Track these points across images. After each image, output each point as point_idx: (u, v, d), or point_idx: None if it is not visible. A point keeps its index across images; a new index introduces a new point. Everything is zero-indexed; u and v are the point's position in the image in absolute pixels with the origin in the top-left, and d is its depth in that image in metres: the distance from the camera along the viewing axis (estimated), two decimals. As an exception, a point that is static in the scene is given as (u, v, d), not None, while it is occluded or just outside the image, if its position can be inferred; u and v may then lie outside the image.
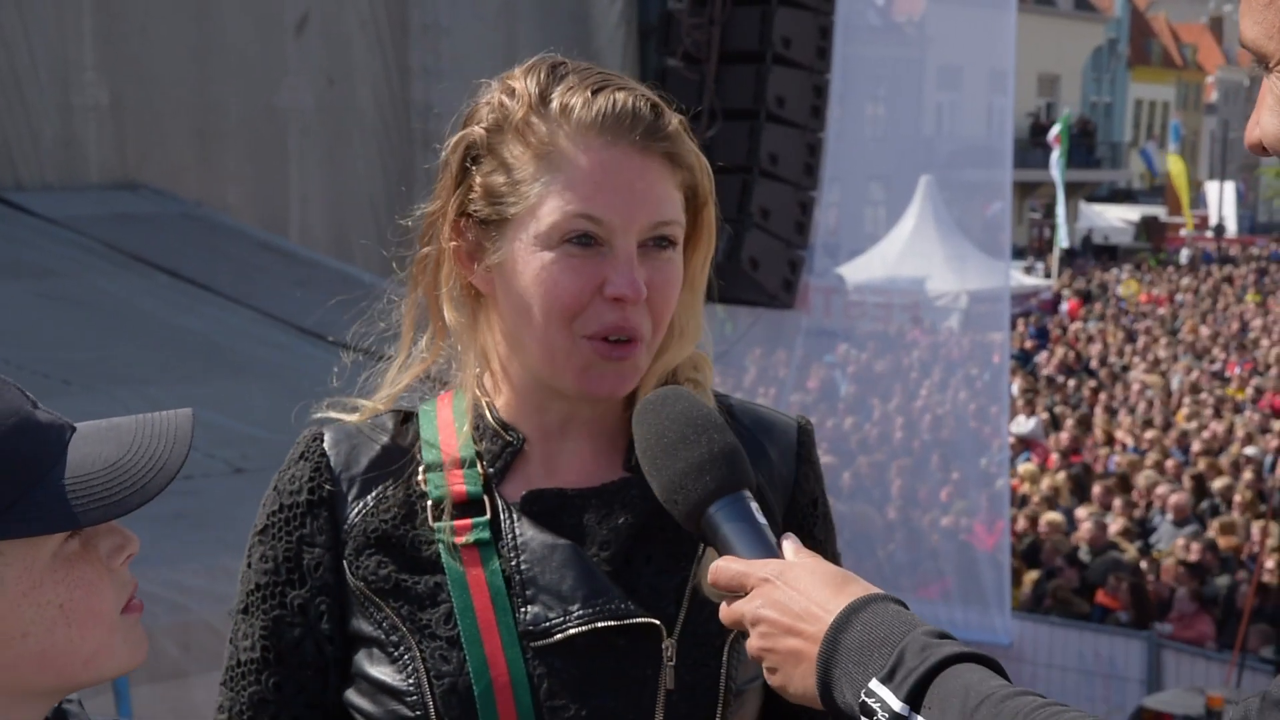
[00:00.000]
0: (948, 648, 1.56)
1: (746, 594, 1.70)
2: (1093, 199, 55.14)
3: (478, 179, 1.88)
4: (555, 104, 1.86)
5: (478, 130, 1.88)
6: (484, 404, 1.95)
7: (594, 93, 1.86)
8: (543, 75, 1.90)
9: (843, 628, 1.60)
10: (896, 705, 1.53)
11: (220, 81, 9.24)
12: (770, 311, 11.48)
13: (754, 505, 1.75)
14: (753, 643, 1.68)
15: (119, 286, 7.38)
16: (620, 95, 1.87)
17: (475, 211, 1.89)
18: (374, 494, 1.92)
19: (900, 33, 16.09)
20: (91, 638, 1.56)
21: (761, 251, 10.37)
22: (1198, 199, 53.85)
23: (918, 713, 1.53)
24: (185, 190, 8.92)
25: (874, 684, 1.55)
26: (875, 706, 1.54)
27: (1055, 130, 34.88)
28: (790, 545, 1.73)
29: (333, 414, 1.99)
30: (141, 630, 1.63)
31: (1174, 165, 50.50)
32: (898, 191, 18.76)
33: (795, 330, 13.07)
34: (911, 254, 20.01)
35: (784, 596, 1.66)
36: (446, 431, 1.94)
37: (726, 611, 1.72)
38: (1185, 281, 40.26)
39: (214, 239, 8.52)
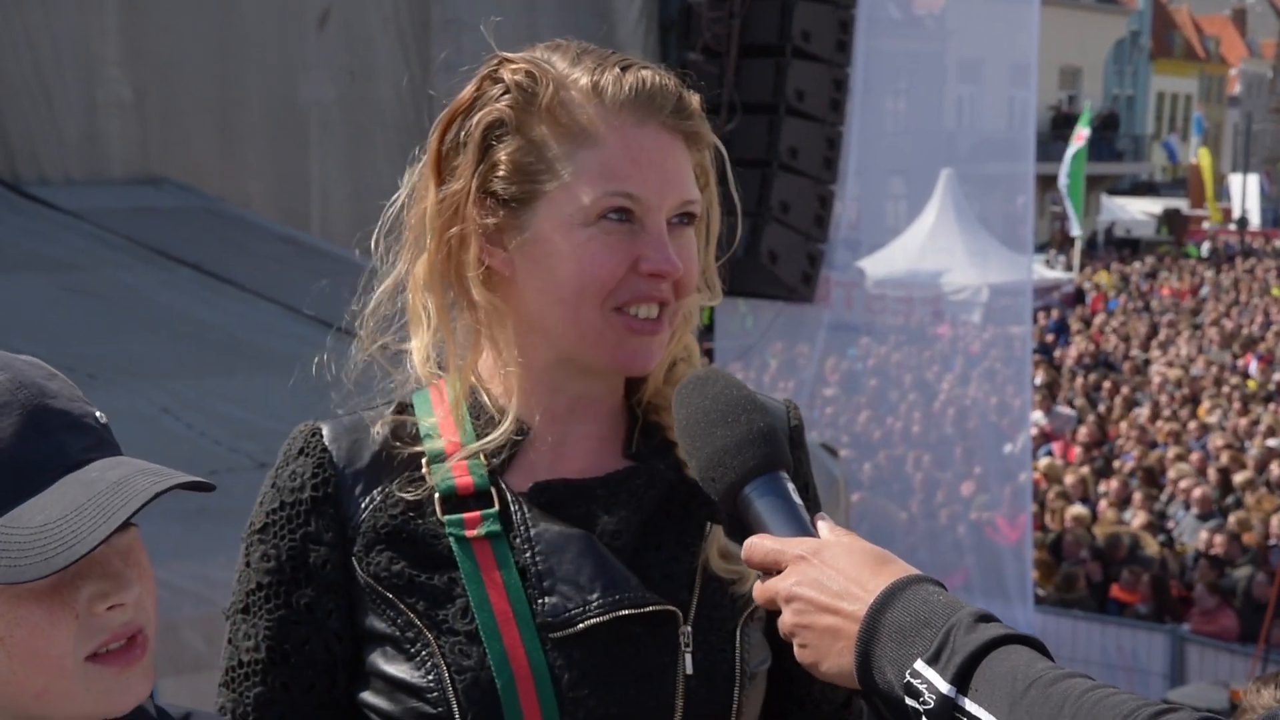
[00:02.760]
0: (994, 629, 1.55)
1: (780, 571, 1.69)
2: (1114, 192, 54.95)
3: (503, 157, 1.86)
4: (585, 81, 1.86)
5: (501, 108, 1.87)
6: (481, 391, 1.93)
7: (622, 70, 1.87)
8: (569, 54, 1.90)
9: (885, 606, 1.60)
10: (944, 687, 1.52)
11: (242, 77, 9.26)
12: (792, 306, 11.47)
13: (790, 485, 1.76)
14: (786, 619, 1.67)
15: (141, 281, 7.40)
16: (646, 74, 1.88)
17: (499, 191, 1.87)
18: (380, 489, 1.90)
19: (921, 26, 16.07)
20: (36, 677, 1.53)
21: (781, 245, 10.36)
22: (1221, 192, 53.63)
23: (965, 695, 1.52)
24: (207, 185, 8.94)
25: (919, 664, 1.54)
26: (921, 688, 1.53)
27: (1082, 128, 34.70)
28: (825, 525, 1.73)
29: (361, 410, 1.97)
30: (130, 680, 1.57)
31: (1203, 158, 50.31)
32: (919, 185, 18.74)
33: (817, 324, 13.07)
34: (933, 248, 19.97)
35: (821, 574, 1.66)
36: (446, 421, 1.92)
37: (760, 588, 1.71)
38: (1208, 275, 40.10)
39: (236, 233, 8.54)
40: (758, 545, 1.71)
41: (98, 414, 1.62)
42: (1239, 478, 16.21)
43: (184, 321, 7.08)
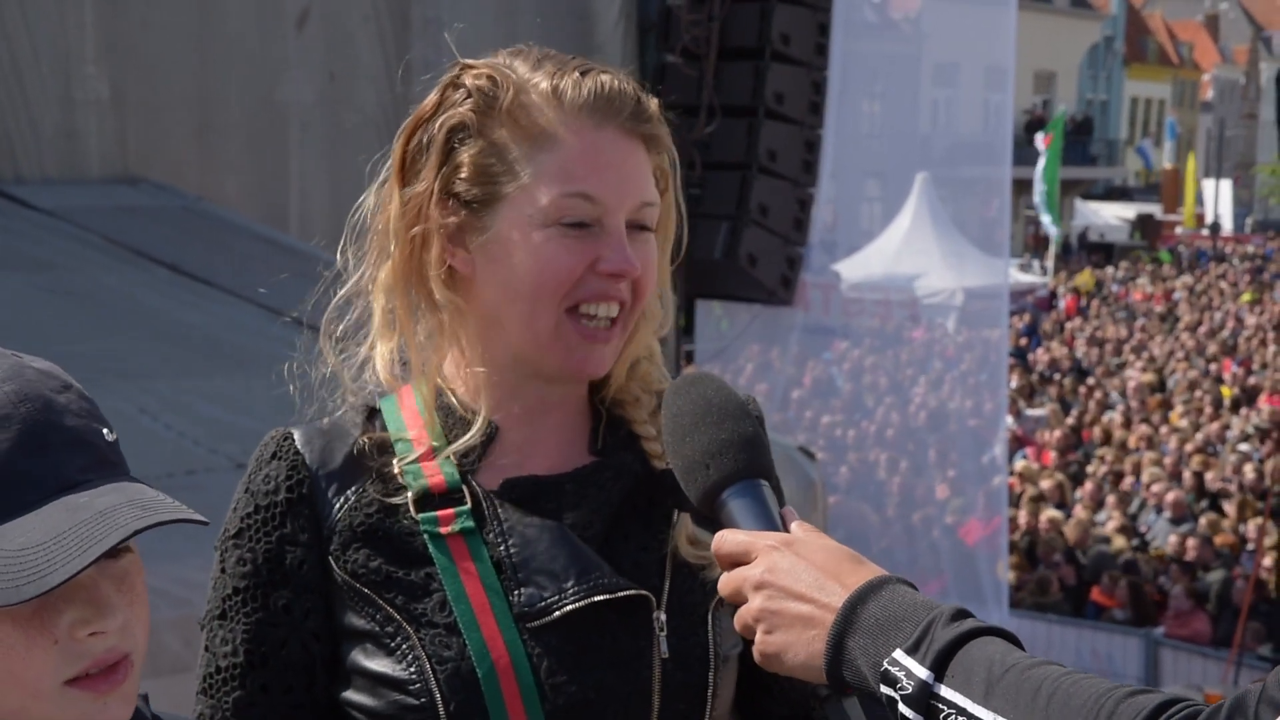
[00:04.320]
0: (971, 622, 1.59)
1: (749, 563, 1.71)
2: (1089, 196, 55.16)
3: (465, 159, 1.90)
4: (545, 85, 1.90)
5: (464, 112, 1.91)
6: (447, 392, 1.97)
7: (581, 74, 1.91)
8: (530, 60, 1.94)
9: (863, 601, 1.62)
10: (922, 673, 1.55)
11: (221, 75, 9.24)
12: (767, 309, 11.49)
13: (769, 493, 1.78)
14: (754, 604, 1.69)
15: (119, 280, 7.37)
16: (605, 78, 1.92)
17: (461, 192, 1.90)
18: (354, 489, 1.92)
19: (897, 29, 16.09)
20: (11, 698, 1.51)
21: (760, 248, 10.38)
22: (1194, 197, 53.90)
23: (941, 682, 1.54)
24: (186, 184, 8.91)
25: (898, 654, 1.57)
26: (899, 674, 1.56)
27: (1043, 134, 34.83)
28: (798, 525, 1.76)
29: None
30: (109, 705, 1.54)
31: (1188, 164, 50.57)
32: (894, 188, 18.75)
33: (791, 327, 13.07)
34: (909, 251, 19.99)
35: (794, 564, 1.68)
36: (414, 423, 1.95)
37: (726, 578, 1.73)
38: (1181, 280, 40.29)
39: (215, 233, 8.52)
40: (728, 537, 1.74)
41: (105, 432, 1.59)
42: (1212, 481, 16.29)
43: (162, 321, 7.06)
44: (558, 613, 1.85)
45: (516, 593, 1.86)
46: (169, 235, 8.10)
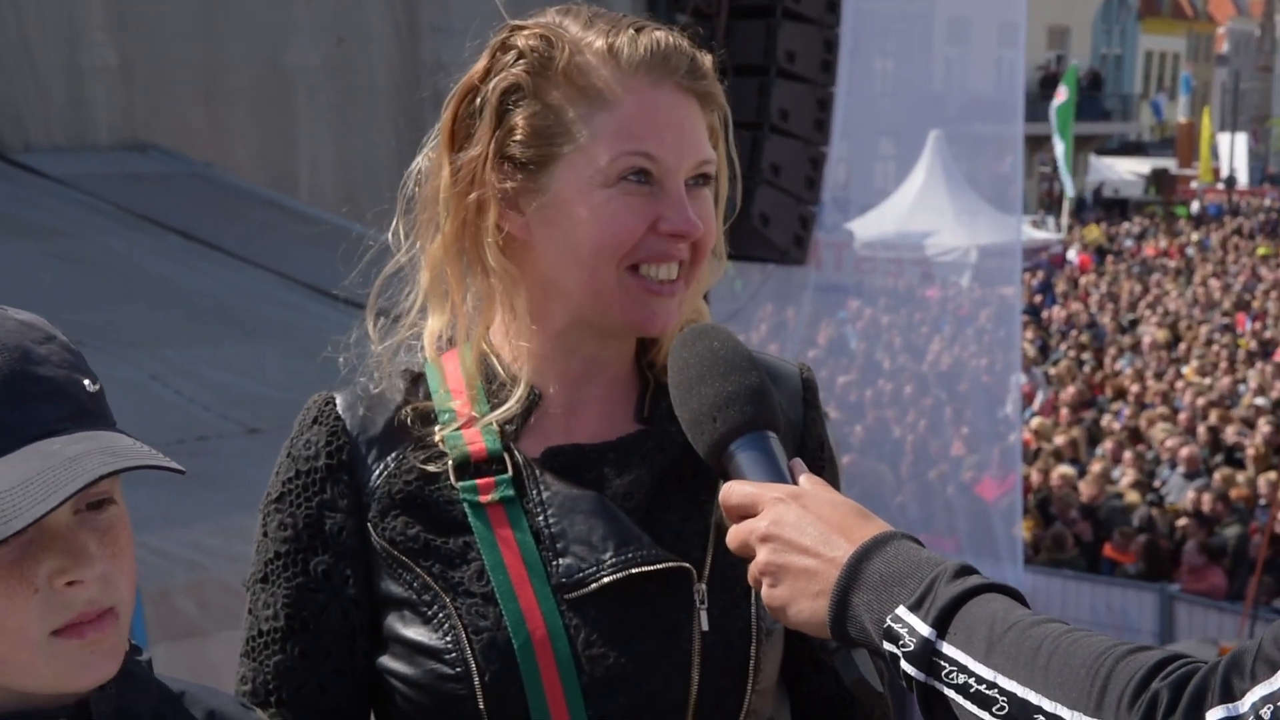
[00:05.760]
0: (975, 579, 1.58)
1: (756, 515, 1.71)
2: (1103, 152, 54.91)
3: (520, 121, 1.87)
4: (600, 44, 1.87)
5: (517, 73, 1.88)
6: (492, 358, 1.95)
7: (636, 32, 1.89)
8: (581, 18, 1.91)
9: (868, 555, 1.62)
10: (925, 630, 1.54)
11: (229, 41, 9.21)
12: (780, 269, 11.46)
13: (777, 445, 1.77)
14: (761, 558, 1.68)
15: (128, 247, 7.38)
16: (660, 35, 1.89)
17: (517, 155, 1.87)
18: (393, 455, 1.91)
19: (909, -14, 16.00)
20: None
21: (772, 208, 10.34)
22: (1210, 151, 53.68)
23: (943, 639, 1.54)
24: (194, 150, 8.90)
25: (901, 610, 1.56)
26: (901, 631, 1.56)
27: (1063, 86, 34.65)
28: (806, 477, 1.75)
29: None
30: (94, 657, 1.55)
31: (1204, 118, 50.30)
32: (907, 146, 18.71)
33: (804, 286, 13.05)
34: (922, 209, 19.95)
35: (801, 517, 1.68)
36: (458, 389, 1.94)
37: (734, 530, 1.72)
38: (1195, 235, 40.15)
39: (223, 199, 8.52)
40: (735, 489, 1.73)
41: (87, 383, 1.60)
42: (1229, 436, 16.26)
43: (172, 288, 7.07)
44: (595, 585, 1.84)
45: (555, 563, 1.85)
46: (178, 202, 8.10)
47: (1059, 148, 33.84)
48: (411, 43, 9.59)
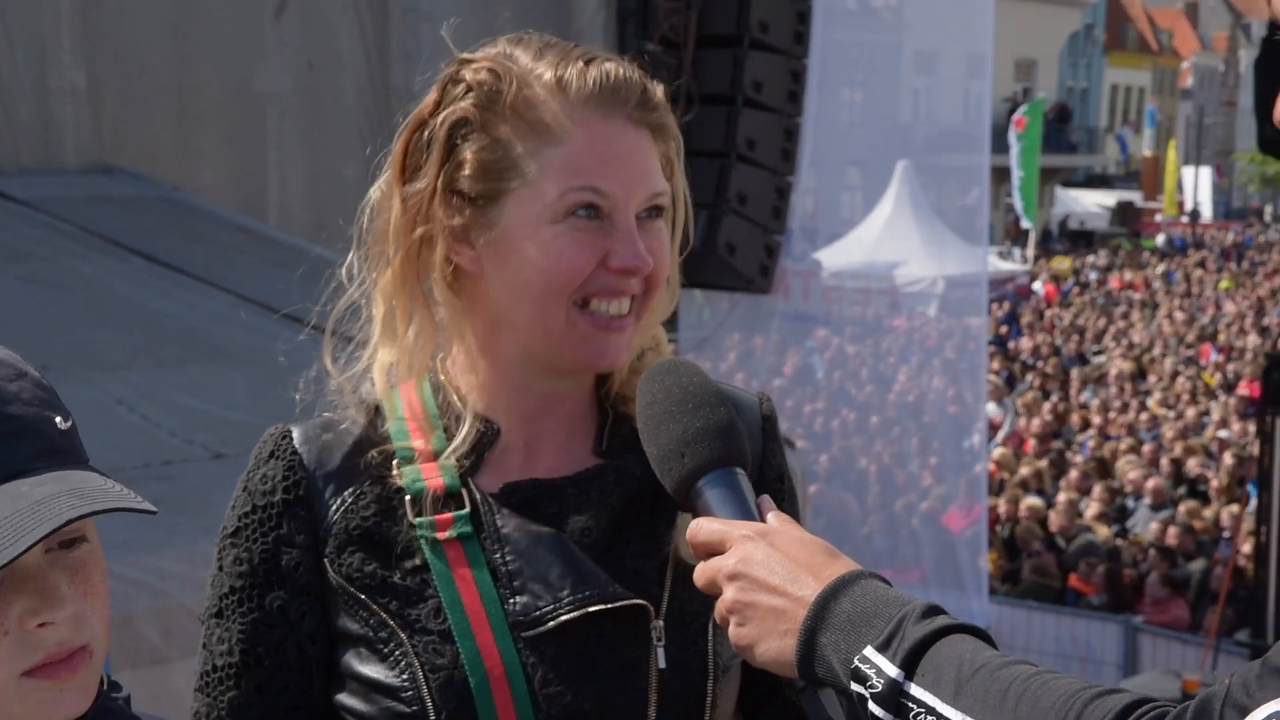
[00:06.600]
0: (943, 619, 1.57)
1: (724, 552, 1.69)
2: (1069, 184, 55.25)
3: (469, 155, 1.85)
4: (549, 77, 1.85)
5: (465, 107, 1.85)
6: (450, 391, 1.93)
7: (586, 64, 1.86)
8: (532, 49, 1.88)
9: (835, 595, 1.61)
10: (892, 671, 1.53)
11: (199, 64, 9.19)
12: (748, 297, 11.48)
13: (745, 482, 1.76)
14: (727, 596, 1.67)
15: (96, 270, 7.34)
16: (610, 66, 1.87)
17: (466, 189, 1.86)
18: (351, 490, 1.89)
19: (877, 17, 16.09)
20: None
21: (738, 236, 10.37)
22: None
23: (911, 680, 1.53)
24: (163, 173, 8.87)
25: (869, 650, 1.55)
26: (869, 672, 1.55)
27: (1020, 113, 34.78)
28: (774, 515, 1.74)
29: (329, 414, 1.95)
30: (64, 695, 1.53)
31: (1169, 151, 50.68)
32: (875, 176, 18.79)
33: (771, 314, 13.08)
34: (889, 239, 20.04)
35: (769, 556, 1.66)
36: (416, 423, 1.92)
37: (701, 569, 1.71)
38: (1161, 268, 40.40)
39: (191, 223, 8.48)
40: (703, 526, 1.72)
41: (58, 420, 1.58)
42: (1192, 468, 16.33)
43: (139, 312, 7.03)
44: (552, 623, 1.82)
45: (512, 601, 1.83)
46: (145, 225, 8.07)
47: (1016, 176, 33.94)
48: (382, 68, 9.60)
